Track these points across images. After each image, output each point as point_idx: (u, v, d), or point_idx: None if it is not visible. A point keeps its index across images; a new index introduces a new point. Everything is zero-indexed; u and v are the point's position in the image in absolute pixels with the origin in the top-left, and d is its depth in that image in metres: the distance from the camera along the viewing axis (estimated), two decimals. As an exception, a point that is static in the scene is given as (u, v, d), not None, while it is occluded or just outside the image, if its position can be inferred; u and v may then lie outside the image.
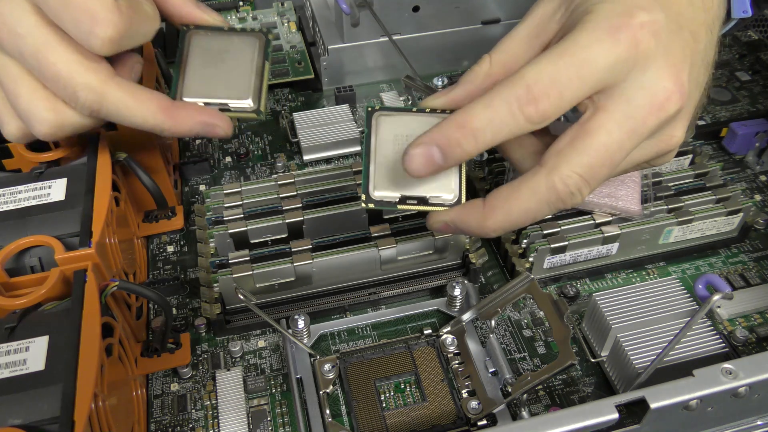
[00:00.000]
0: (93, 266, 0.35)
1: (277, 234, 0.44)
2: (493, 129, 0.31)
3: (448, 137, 0.32)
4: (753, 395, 0.32)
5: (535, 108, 0.31)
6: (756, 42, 0.66)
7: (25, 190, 0.39)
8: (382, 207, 0.36)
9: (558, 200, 0.32)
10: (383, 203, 0.36)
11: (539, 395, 0.40)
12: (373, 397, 0.39)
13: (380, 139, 0.36)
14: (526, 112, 0.31)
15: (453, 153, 0.32)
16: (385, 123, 0.36)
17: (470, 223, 0.34)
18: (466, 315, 0.41)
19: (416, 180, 0.35)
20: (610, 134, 0.31)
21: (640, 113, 0.31)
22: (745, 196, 0.50)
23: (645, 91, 0.31)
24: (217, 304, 0.42)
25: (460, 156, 0.33)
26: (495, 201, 0.33)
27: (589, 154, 0.31)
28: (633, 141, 0.32)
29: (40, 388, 0.30)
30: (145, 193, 0.46)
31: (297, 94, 0.63)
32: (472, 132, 0.32)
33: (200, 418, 0.40)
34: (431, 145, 0.32)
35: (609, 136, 0.31)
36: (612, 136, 0.31)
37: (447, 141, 0.32)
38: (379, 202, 0.35)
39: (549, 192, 0.32)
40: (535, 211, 0.33)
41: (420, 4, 0.59)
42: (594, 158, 0.31)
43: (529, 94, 0.31)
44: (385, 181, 0.36)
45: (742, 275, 0.46)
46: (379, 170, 0.36)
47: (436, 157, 0.33)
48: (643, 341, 0.38)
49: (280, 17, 0.70)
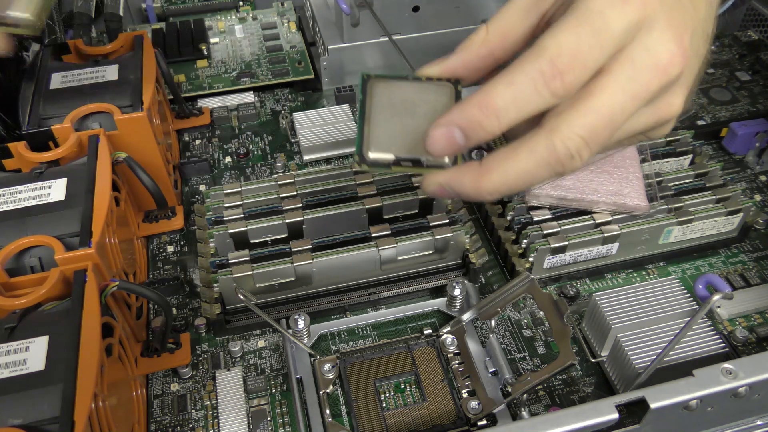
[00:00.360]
0: (93, 266, 0.35)
1: (277, 234, 0.44)
2: (517, 107, 0.31)
3: (469, 118, 0.31)
4: (753, 395, 0.32)
5: (561, 81, 0.30)
6: (756, 42, 0.66)
7: (25, 190, 0.39)
8: (376, 168, 0.35)
9: (557, 162, 0.31)
10: (377, 164, 0.35)
11: (539, 395, 0.40)
12: (373, 397, 0.39)
13: (375, 103, 0.36)
14: (552, 87, 0.30)
15: (475, 134, 0.32)
16: (380, 89, 0.36)
17: (465, 184, 0.33)
18: (466, 315, 0.41)
19: (412, 143, 0.34)
20: (613, 96, 0.31)
21: (644, 75, 0.31)
22: (745, 196, 0.50)
23: (649, 53, 0.31)
24: (217, 304, 0.42)
25: (483, 136, 0.32)
26: (492, 162, 0.32)
27: (591, 116, 0.31)
28: (635, 104, 0.31)
29: (40, 388, 0.30)
30: (145, 193, 0.46)
31: (297, 94, 0.63)
32: (495, 112, 0.31)
33: (200, 418, 0.40)
34: (452, 127, 0.32)
35: (612, 98, 0.31)
36: (615, 97, 0.31)
37: (469, 122, 0.31)
38: (374, 163, 0.35)
39: (548, 153, 0.31)
40: (533, 173, 0.32)
41: (420, 4, 0.59)
42: (596, 120, 0.31)
43: (553, 68, 0.30)
44: (380, 144, 0.35)
45: (742, 275, 0.46)
46: (374, 132, 0.35)
47: (458, 138, 0.32)
48: (643, 341, 0.38)
49: (280, 17, 0.70)
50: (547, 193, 0.44)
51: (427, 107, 0.35)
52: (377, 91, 0.36)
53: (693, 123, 0.57)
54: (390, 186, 0.46)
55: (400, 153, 0.35)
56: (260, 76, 0.63)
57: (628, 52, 0.31)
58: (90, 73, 0.48)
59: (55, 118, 0.45)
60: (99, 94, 0.47)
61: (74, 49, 0.52)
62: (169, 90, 0.57)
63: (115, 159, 0.43)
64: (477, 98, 0.31)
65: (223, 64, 0.64)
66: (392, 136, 0.35)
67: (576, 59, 0.30)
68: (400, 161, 0.35)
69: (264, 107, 0.62)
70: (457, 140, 0.32)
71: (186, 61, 0.64)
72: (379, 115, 0.35)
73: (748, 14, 0.67)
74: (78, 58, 0.52)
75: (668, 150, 0.49)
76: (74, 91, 0.47)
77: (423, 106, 0.35)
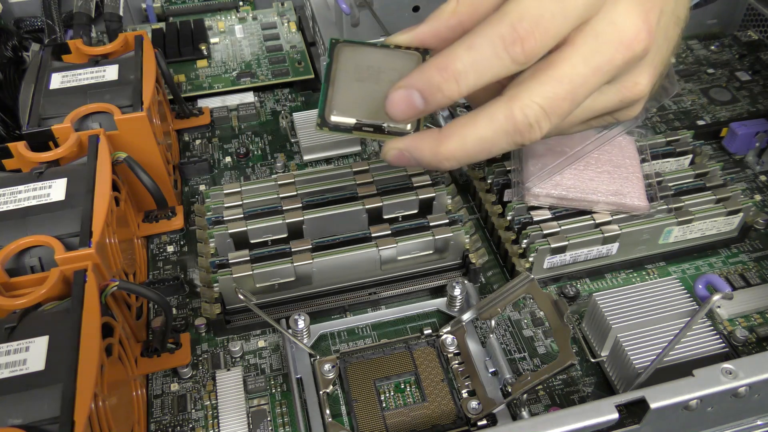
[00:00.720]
0: (93, 266, 0.35)
1: (277, 234, 0.44)
2: (476, 71, 0.30)
3: (428, 81, 0.31)
4: (753, 395, 0.32)
5: (522, 47, 0.30)
6: (756, 42, 0.66)
7: (25, 190, 0.39)
8: (338, 131, 0.35)
9: (515, 131, 0.31)
10: (339, 128, 0.35)
11: (539, 395, 0.40)
12: (373, 397, 0.39)
13: (341, 68, 0.36)
14: (512, 52, 0.30)
15: (434, 98, 0.31)
16: (347, 54, 0.36)
17: (424, 150, 0.33)
18: (466, 315, 0.41)
19: (374, 108, 0.34)
20: (575, 67, 0.30)
21: (607, 49, 0.31)
22: (745, 196, 0.50)
23: (614, 27, 0.30)
24: (217, 304, 0.42)
25: (441, 101, 0.31)
26: (451, 128, 0.32)
27: (551, 85, 0.30)
28: (598, 78, 0.31)
29: (40, 388, 0.30)
30: (145, 193, 0.46)
31: (297, 94, 0.63)
32: (454, 75, 0.30)
33: (200, 418, 0.40)
34: (411, 90, 0.31)
35: (574, 69, 0.30)
36: (576, 69, 0.30)
37: (427, 85, 0.31)
38: (335, 127, 0.35)
39: (507, 121, 0.31)
40: (492, 140, 0.31)
41: (420, 4, 0.59)
42: (556, 89, 0.30)
43: (514, 32, 0.29)
44: (342, 107, 0.35)
45: (742, 275, 0.46)
46: (338, 96, 0.35)
47: (417, 101, 0.31)
48: (643, 341, 0.38)
49: (280, 17, 0.70)
50: (547, 192, 0.44)
51: (392, 74, 0.34)
52: (344, 56, 0.36)
53: (693, 123, 0.57)
54: (390, 186, 0.46)
55: (362, 117, 0.35)
56: (260, 76, 0.63)
57: (592, 25, 0.30)
58: (90, 73, 0.48)
59: (55, 118, 0.45)
60: (99, 94, 0.47)
61: (74, 49, 0.52)
62: (169, 90, 0.57)
63: (115, 159, 0.43)
64: (436, 61, 0.31)
65: (223, 64, 0.64)
66: (355, 100, 0.35)
67: (538, 26, 0.29)
68: (362, 126, 0.35)
69: (264, 107, 0.62)
70: (416, 103, 0.32)
71: (186, 61, 0.64)
72: (343, 80, 0.35)
73: (748, 14, 0.67)
74: (78, 58, 0.52)
75: (668, 150, 0.49)
76: (74, 91, 0.47)
77: (389, 73, 0.35)
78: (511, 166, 0.47)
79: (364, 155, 0.57)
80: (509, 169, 0.47)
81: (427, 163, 0.34)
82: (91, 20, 0.60)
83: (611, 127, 0.44)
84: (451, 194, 0.46)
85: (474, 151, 0.32)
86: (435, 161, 0.33)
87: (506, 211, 0.46)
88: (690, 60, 0.64)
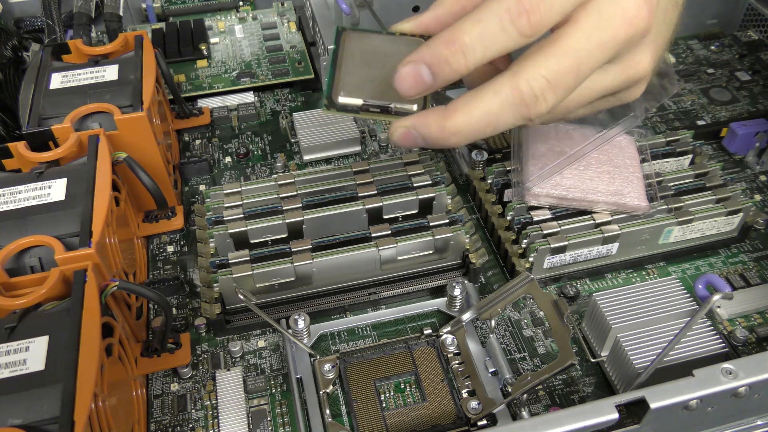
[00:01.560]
0: (93, 266, 0.35)
1: (277, 234, 0.44)
2: (483, 45, 0.31)
3: (436, 55, 0.31)
4: (753, 395, 0.32)
5: (528, 19, 0.30)
6: (756, 42, 0.66)
7: (25, 190, 0.39)
8: (345, 112, 0.35)
9: (522, 103, 0.31)
10: (346, 109, 0.35)
11: (539, 395, 0.40)
12: (373, 397, 0.39)
13: (347, 52, 0.36)
14: (518, 25, 0.30)
15: (442, 71, 0.32)
16: (353, 40, 0.36)
17: (431, 126, 0.33)
18: (466, 315, 0.41)
19: (381, 90, 0.35)
20: (579, 42, 0.31)
21: (609, 25, 0.31)
22: (745, 196, 0.50)
23: (616, 5, 0.31)
24: (217, 304, 0.42)
25: (450, 74, 0.32)
26: (457, 103, 0.33)
27: (556, 58, 0.31)
28: (601, 53, 0.32)
29: (40, 388, 0.30)
30: (145, 193, 0.46)
31: (297, 94, 0.63)
32: (461, 48, 0.31)
33: (200, 418, 0.40)
34: (420, 64, 0.32)
35: (578, 43, 0.31)
36: (580, 43, 0.31)
37: (436, 59, 0.31)
38: (343, 108, 0.35)
39: (512, 92, 0.31)
40: (498, 113, 0.32)
41: (420, 4, 0.59)
42: (561, 62, 0.31)
43: (520, 5, 0.30)
44: (349, 89, 0.35)
45: (742, 275, 0.46)
46: (345, 78, 0.35)
47: (425, 76, 0.32)
48: (643, 341, 0.38)
49: (280, 17, 0.70)
50: (547, 192, 0.44)
51: (398, 58, 0.34)
52: (350, 42, 0.36)
53: (693, 123, 0.57)
54: (390, 186, 0.46)
55: (369, 98, 0.35)
56: (260, 76, 0.63)
57: (595, 3, 0.31)
58: (90, 73, 0.48)
59: (55, 118, 0.45)
60: (99, 94, 0.47)
61: (74, 49, 0.52)
62: (169, 90, 0.57)
63: (115, 159, 0.43)
64: (444, 35, 0.31)
65: (223, 64, 0.64)
66: (362, 82, 0.35)
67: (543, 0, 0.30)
68: (369, 107, 0.35)
69: (264, 107, 0.62)
70: (425, 78, 0.32)
71: (186, 61, 0.64)
72: (350, 63, 0.36)
73: (748, 14, 0.67)
74: (78, 58, 0.52)
75: (668, 150, 0.49)
76: (74, 91, 0.47)
77: (394, 57, 0.35)
78: (511, 166, 0.47)
79: (364, 155, 0.57)
80: (509, 169, 0.47)
81: (434, 140, 0.34)
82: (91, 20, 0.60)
83: (611, 127, 0.44)
84: (451, 194, 0.46)
85: (480, 124, 0.32)
86: (442, 137, 0.33)
87: (506, 211, 0.46)
88: (690, 60, 0.64)
